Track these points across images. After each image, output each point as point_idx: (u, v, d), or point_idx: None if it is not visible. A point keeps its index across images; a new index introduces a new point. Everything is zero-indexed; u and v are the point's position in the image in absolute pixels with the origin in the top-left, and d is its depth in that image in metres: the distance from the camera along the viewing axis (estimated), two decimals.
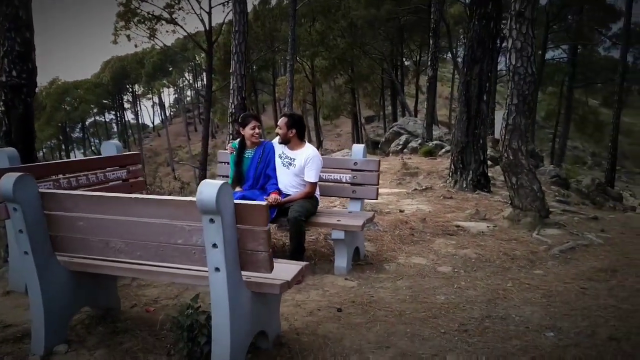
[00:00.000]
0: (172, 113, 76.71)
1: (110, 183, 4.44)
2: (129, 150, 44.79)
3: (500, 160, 6.61)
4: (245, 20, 9.80)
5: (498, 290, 3.94)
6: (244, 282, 2.55)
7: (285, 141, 4.53)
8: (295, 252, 4.21)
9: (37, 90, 6.25)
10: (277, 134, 4.57)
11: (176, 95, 73.63)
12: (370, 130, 42.56)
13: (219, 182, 2.28)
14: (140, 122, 66.14)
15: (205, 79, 50.11)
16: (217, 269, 2.37)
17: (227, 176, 5.01)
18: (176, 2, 23.89)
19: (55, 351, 2.82)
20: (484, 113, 8.44)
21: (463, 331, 3.12)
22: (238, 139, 4.72)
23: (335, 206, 6.98)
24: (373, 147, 32.46)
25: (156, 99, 66.27)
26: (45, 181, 3.83)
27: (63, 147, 54.81)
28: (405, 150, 17.09)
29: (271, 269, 2.49)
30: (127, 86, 51.04)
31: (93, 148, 61.76)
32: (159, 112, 74.60)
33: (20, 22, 5.62)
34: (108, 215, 2.65)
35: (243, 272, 2.52)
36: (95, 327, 3.12)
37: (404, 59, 37.14)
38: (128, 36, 25.94)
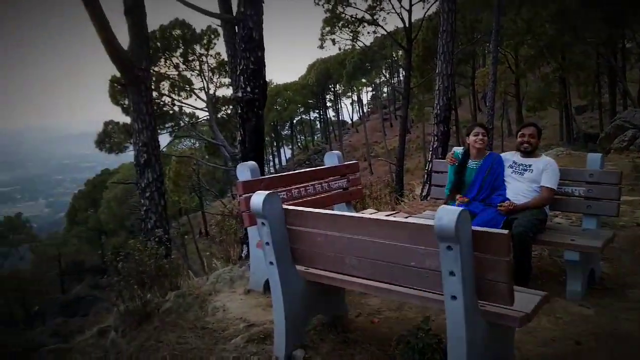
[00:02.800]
0: (369, 109, 79.25)
1: (333, 192, 4.69)
2: (330, 147, 47.62)
3: None
4: (454, 19, 9.52)
5: None
6: (481, 312, 2.44)
7: (532, 150, 4.36)
8: (520, 274, 3.83)
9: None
10: (523, 143, 4.37)
11: (373, 92, 75.83)
12: (582, 121, 38.10)
13: (457, 208, 2.20)
14: (340, 119, 69.92)
15: (402, 75, 50.66)
16: (453, 297, 2.31)
17: (441, 185, 4.92)
18: (378, 3, 24.43)
19: (294, 355, 3.06)
20: None
21: None
22: (462, 148, 4.59)
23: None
24: (585, 140, 28.99)
25: (355, 97, 69.21)
26: (281, 191, 4.22)
27: (274, 144, 60.86)
28: (631, 147, 14.86)
29: (512, 301, 2.33)
30: (330, 86, 54.20)
31: (299, 144, 66.95)
32: (357, 109, 77.78)
33: (254, 43, 6.29)
34: (344, 234, 2.78)
35: (480, 301, 2.42)
36: (327, 334, 3.30)
37: (625, 41, 32.37)
38: (333, 40, 27.45)
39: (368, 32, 30.59)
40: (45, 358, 4.06)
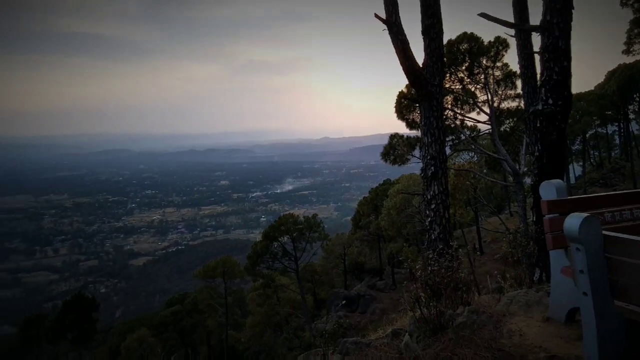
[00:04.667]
0: None
1: None
2: (632, 165, 40.89)
3: None
4: None
5: None
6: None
7: None
8: None
9: None
10: None
11: None
12: None
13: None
14: None
15: None
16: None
17: None
18: None
19: None
20: None
21: None
22: None
23: None
24: None
25: None
26: (591, 213, 3.80)
27: None
28: None
29: None
30: (634, 95, 46.74)
31: (592, 161, 59.80)
32: None
33: (559, 52, 5.84)
34: None
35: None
36: None
37: None
38: None
39: None
40: (348, 349, 4.53)
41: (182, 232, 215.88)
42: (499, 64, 25.41)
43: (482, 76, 25.36)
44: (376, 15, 8.48)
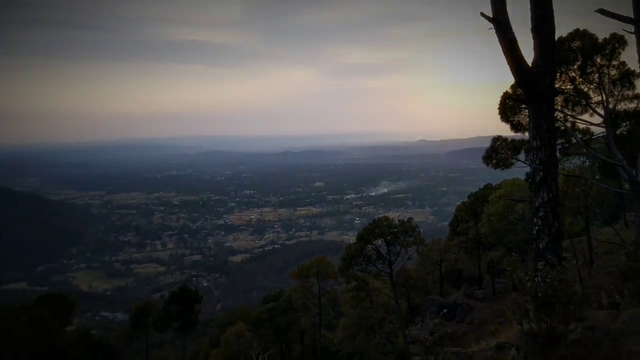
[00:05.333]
0: None
1: None
2: None
3: None
4: None
5: None
6: None
7: None
8: None
9: None
10: None
11: None
12: None
13: None
14: None
15: None
16: None
17: None
18: None
19: None
20: None
21: None
22: None
23: None
24: None
25: None
26: None
27: None
28: None
29: None
30: None
31: None
32: None
33: None
34: None
35: None
36: None
37: None
38: None
39: None
40: (449, 359, 4.40)
41: (278, 232, 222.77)
42: (615, 63, 23.48)
43: (596, 75, 23.59)
44: (482, 14, 8.19)
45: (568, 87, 23.91)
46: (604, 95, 24.52)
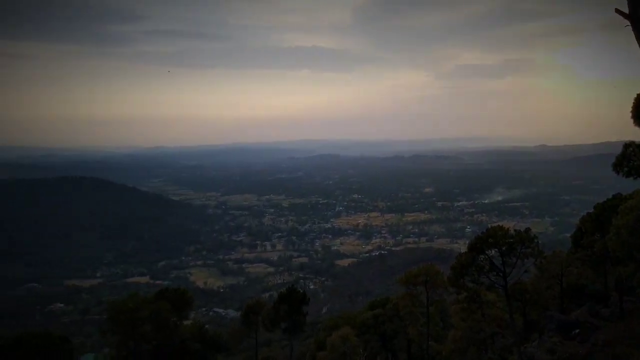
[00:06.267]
0: None
1: None
2: None
3: None
4: None
5: None
6: None
7: None
8: None
9: None
10: None
11: None
12: None
13: None
14: None
15: None
16: None
17: None
18: None
19: None
20: None
21: None
22: None
23: None
24: None
25: None
26: None
27: None
28: None
29: None
30: None
31: None
32: None
33: None
34: None
35: None
36: None
37: None
38: None
39: None
40: None
41: (385, 237, 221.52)
42: None
43: None
44: (617, 10, 7.39)
45: None
46: None
